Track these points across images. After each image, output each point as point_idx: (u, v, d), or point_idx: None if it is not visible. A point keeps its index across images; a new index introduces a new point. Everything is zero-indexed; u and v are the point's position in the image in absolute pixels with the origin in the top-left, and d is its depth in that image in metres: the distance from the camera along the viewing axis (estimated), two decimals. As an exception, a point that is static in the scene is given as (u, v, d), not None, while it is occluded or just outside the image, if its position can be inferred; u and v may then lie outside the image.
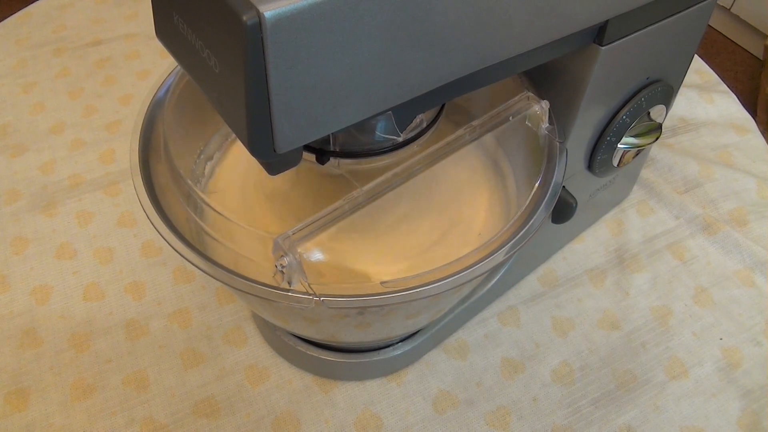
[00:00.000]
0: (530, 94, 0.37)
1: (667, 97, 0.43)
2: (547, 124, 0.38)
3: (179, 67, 0.41)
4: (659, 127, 0.43)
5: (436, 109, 0.37)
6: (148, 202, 0.35)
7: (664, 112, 0.44)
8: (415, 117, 0.32)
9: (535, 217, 0.35)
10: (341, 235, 0.37)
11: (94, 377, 0.47)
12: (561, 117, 0.39)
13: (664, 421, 0.46)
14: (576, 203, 0.45)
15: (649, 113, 0.43)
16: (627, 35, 0.36)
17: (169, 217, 0.34)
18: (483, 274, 0.32)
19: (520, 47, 0.31)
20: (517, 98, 0.36)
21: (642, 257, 0.55)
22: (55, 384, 0.47)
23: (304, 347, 0.46)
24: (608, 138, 0.42)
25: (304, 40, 0.23)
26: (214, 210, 0.35)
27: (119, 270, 0.54)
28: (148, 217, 0.34)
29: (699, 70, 0.74)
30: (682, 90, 0.70)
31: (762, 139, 0.66)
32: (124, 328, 0.50)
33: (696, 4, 0.38)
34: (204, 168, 0.46)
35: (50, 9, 0.79)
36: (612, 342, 0.50)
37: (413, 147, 0.35)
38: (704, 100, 0.69)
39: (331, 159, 0.34)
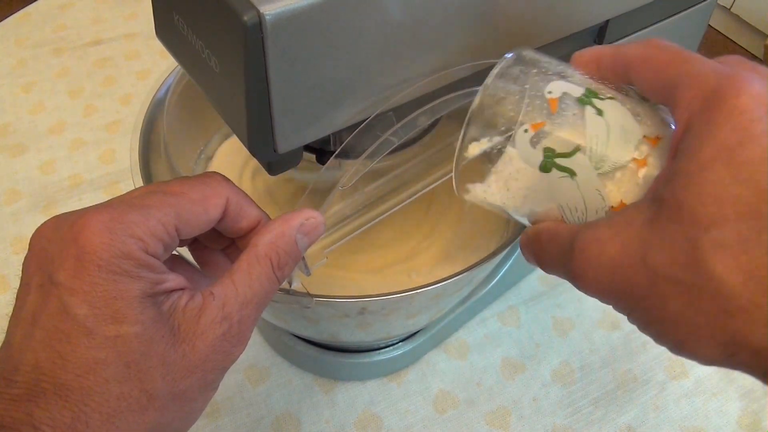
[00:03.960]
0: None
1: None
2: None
3: (179, 67, 0.41)
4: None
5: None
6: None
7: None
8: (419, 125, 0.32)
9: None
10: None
11: (94, 377, 0.47)
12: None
13: (664, 421, 0.46)
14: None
15: None
16: (627, 35, 0.36)
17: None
18: (479, 272, 0.32)
19: (521, 47, 0.31)
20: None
21: (642, 257, 0.55)
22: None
23: (304, 347, 0.46)
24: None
25: (304, 40, 0.23)
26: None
27: (119, 270, 0.53)
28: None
29: (699, 70, 0.74)
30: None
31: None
32: (124, 328, 0.50)
33: (696, 4, 0.38)
34: (204, 168, 0.46)
35: (50, 9, 0.78)
36: (612, 342, 0.50)
37: (414, 148, 0.35)
38: (704, 100, 0.69)
39: (332, 159, 0.34)
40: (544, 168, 0.24)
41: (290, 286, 0.29)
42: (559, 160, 0.24)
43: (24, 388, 0.21)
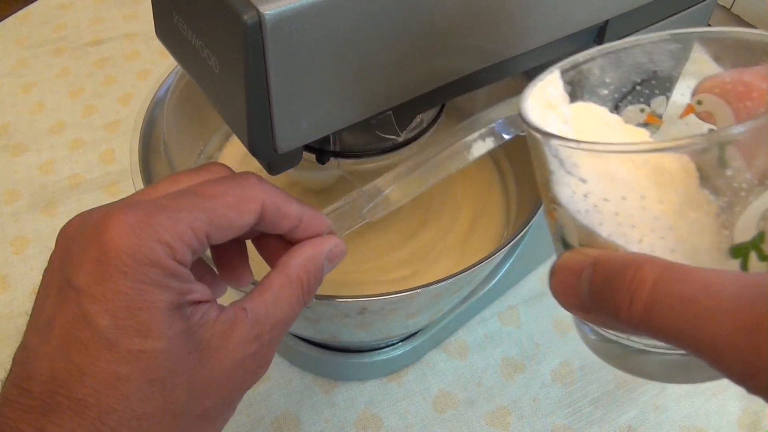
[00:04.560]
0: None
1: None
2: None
3: (179, 67, 0.41)
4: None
5: (437, 109, 0.37)
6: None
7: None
8: (415, 117, 0.32)
9: (534, 217, 0.35)
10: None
11: (94, 377, 0.47)
12: (561, 117, 0.39)
13: (664, 421, 0.46)
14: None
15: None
16: (627, 35, 0.36)
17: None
18: (480, 272, 0.32)
19: (521, 47, 0.31)
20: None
21: (642, 257, 0.55)
22: (55, 384, 0.47)
23: (304, 347, 0.46)
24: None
25: (304, 40, 0.23)
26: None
27: (119, 270, 0.53)
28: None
29: (699, 69, 0.74)
30: (682, 90, 0.70)
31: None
32: (124, 328, 0.50)
33: (696, 4, 0.38)
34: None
35: (50, 9, 0.79)
36: (612, 342, 0.50)
37: (413, 147, 0.35)
38: (704, 100, 0.69)
39: (331, 159, 0.34)
40: (738, 251, 0.19)
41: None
42: (757, 251, 0.19)
43: (38, 399, 0.19)
